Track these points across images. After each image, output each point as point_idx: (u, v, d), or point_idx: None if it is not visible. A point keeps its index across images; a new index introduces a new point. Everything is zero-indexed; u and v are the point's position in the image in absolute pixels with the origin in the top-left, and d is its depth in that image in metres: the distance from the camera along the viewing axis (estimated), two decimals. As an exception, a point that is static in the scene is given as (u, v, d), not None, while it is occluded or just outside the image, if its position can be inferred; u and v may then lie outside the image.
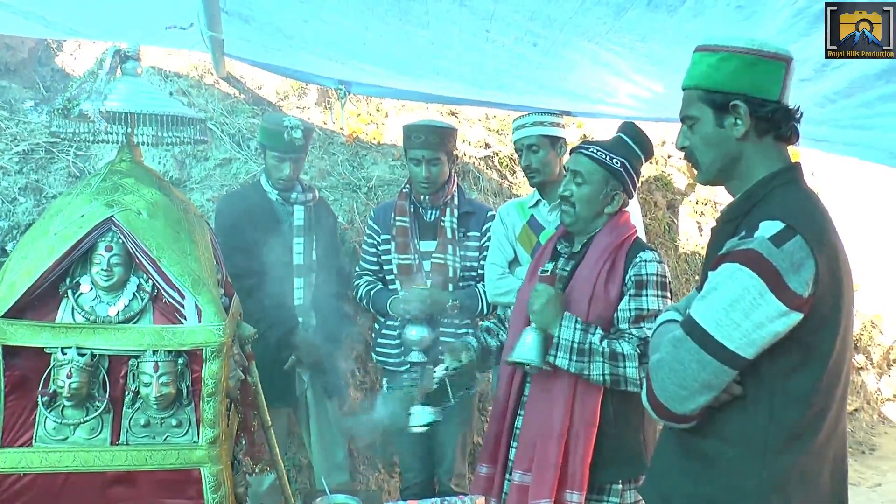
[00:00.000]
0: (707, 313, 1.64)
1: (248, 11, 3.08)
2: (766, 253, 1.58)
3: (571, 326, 2.38)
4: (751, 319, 1.59)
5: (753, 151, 1.77)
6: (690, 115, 1.82)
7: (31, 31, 3.95)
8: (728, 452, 1.70)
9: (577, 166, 2.54)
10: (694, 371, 1.64)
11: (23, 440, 2.20)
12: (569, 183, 2.56)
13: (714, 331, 1.62)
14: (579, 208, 2.53)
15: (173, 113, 2.39)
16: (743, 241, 1.63)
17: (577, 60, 2.82)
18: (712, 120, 1.78)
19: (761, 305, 1.58)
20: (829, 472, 1.71)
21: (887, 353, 7.03)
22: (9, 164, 3.95)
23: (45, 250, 2.25)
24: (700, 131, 1.81)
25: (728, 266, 1.63)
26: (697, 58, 1.82)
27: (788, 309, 1.58)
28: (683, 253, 5.96)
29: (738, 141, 1.76)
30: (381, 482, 4.33)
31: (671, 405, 1.69)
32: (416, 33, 2.75)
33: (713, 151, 1.81)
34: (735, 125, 1.75)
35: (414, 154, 3.36)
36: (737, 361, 1.62)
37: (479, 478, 2.69)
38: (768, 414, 1.66)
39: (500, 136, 5.41)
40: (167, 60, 4.71)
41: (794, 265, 1.57)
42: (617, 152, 2.54)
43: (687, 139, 1.85)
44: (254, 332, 2.65)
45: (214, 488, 2.26)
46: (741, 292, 1.59)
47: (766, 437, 1.66)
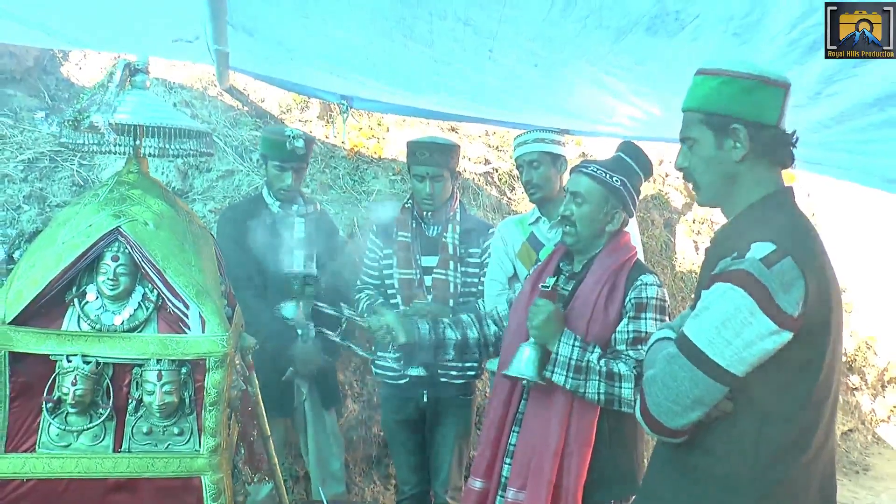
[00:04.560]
0: (700, 331, 1.69)
1: (253, 25, 3.14)
2: (757, 273, 1.63)
3: (570, 343, 2.39)
4: (742, 338, 1.64)
5: (749, 174, 1.82)
6: (690, 136, 1.87)
7: (38, 40, 4.00)
8: (718, 468, 1.74)
9: (576, 186, 2.55)
10: (686, 387, 1.69)
11: (26, 446, 2.23)
12: (569, 203, 2.55)
13: (706, 348, 1.66)
14: (580, 227, 2.53)
15: (181, 126, 2.44)
16: (735, 261, 1.67)
17: (576, 81, 2.87)
18: (712, 142, 1.82)
19: (752, 324, 1.63)
20: (817, 489, 1.75)
21: (882, 374, 7.07)
22: (14, 173, 3.99)
23: (52, 259, 2.29)
24: (699, 153, 1.85)
25: (720, 286, 1.68)
26: (699, 80, 1.87)
27: (778, 328, 1.63)
28: (680, 272, 6.01)
29: (736, 163, 1.81)
30: (376, 494, 4.35)
31: (664, 420, 1.73)
32: (419, 50, 2.79)
33: (712, 173, 1.85)
34: (734, 148, 1.80)
35: (417, 170, 3.40)
36: (728, 378, 1.67)
37: (472, 492, 2.66)
38: (758, 430, 1.70)
39: (499, 152, 5.46)
40: (171, 72, 4.76)
41: (784, 285, 1.62)
42: (616, 171, 2.55)
43: (686, 160, 1.90)
44: (254, 343, 2.68)
45: (215, 496, 2.29)
46: (733, 311, 1.64)
47: (755, 452, 1.70)
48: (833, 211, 6.83)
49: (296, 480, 4.07)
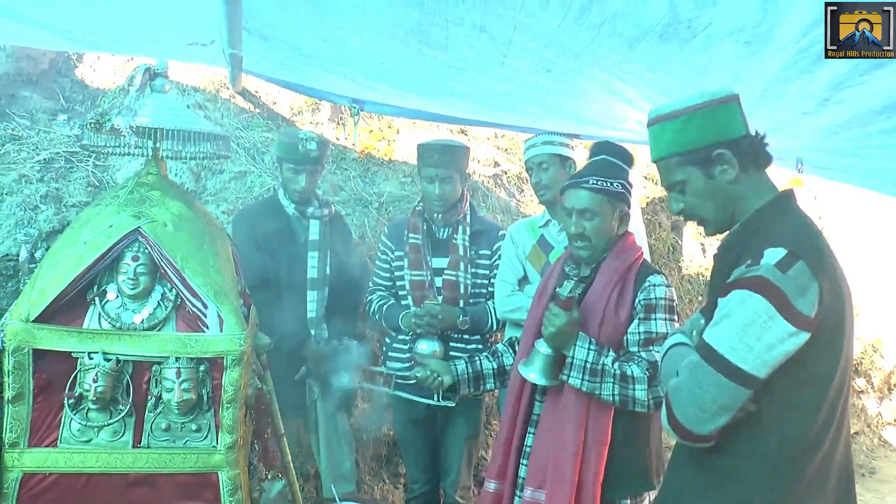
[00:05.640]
0: (721, 338, 1.73)
1: (269, 30, 3.18)
2: (773, 278, 1.68)
3: (586, 347, 2.43)
4: (763, 341, 1.69)
5: (745, 187, 1.88)
6: (677, 181, 1.93)
7: (56, 44, 4.05)
8: (743, 467, 1.79)
9: (581, 203, 2.54)
10: (713, 394, 1.74)
11: (48, 441, 2.29)
12: (578, 221, 2.55)
13: (730, 355, 1.71)
14: (595, 240, 2.55)
15: (199, 129, 2.49)
16: (750, 268, 1.72)
17: (588, 88, 2.91)
18: (701, 176, 1.89)
19: (772, 328, 1.68)
20: (835, 482, 1.81)
21: (888, 377, 7.08)
22: (30, 173, 4.04)
23: (74, 259, 2.34)
24: (693, 191, 1.91)
25: (738, 293, 1.72)
26: (658, 130, 1.93)
27: (797, 329, 1.68)
28: (687, 274, 6.03)
29: (730, 185, 1.87)
30: (386, 493, 4.39)
31: (692, 427, 1.78)
32: (433, 56, 2.83)
33: (712, 203, 1.91)
34: (724, 171, 1.87)
35: (427, 172, 3.45)
36: (752, 382, 1.72)
37: (487, 494, 2.69)
38: (780, 429, 1.76)
39: (508, 154, 5.50)
40: (185, 74, 4.81)
41: (800, 288, 1.68)
42: (611, 175, 2.57)
43: (680, 202, 1.96)
44: (269, 343, 2.73)
45: (231, 492, 2.34)
46: (752, 317, 1.69)
47: (778, 450, 1.76)
48: (840, 214, 6.85)
49: (307, 479, 4.11)
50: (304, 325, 3.52)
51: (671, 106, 1.90)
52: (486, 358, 2.90)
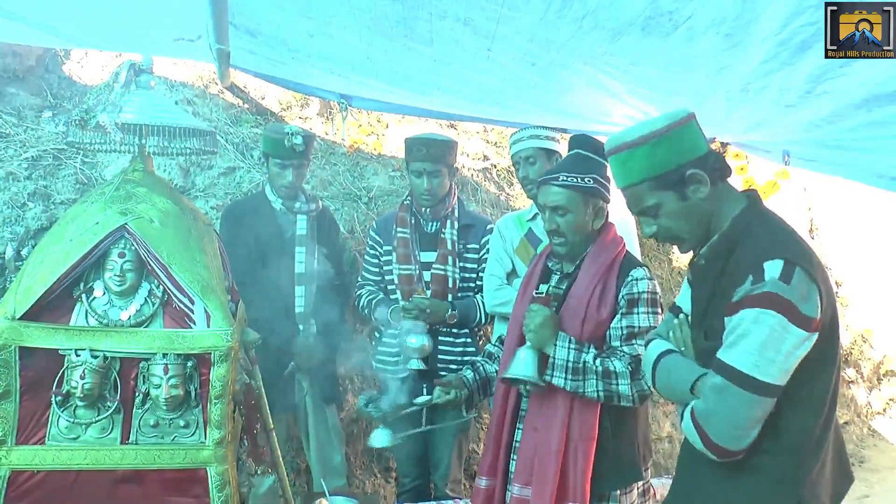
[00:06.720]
0: (743, 358, 1.77)
1: (255, 25, 3.17)
2: (780, 291, 1.73)
3: (566, 346, 2.45)
4: (782, 352, 1.75)
5: (717, 201, 1.92)
6: (649, 206, 1.95)
7: (43, 40, 4.03)
8: (768, 462, 1.85)
9: (553, 200, 2.56)
10: (745, 412, 1.79)
11: (36, 438, 2.29)
12: (552, 217, 2.57)
13: (754, 372, 1.76)
14: (570, 237, 2.57)
15: (185, 125, 2.49)
16: (756, 286, 1.76)
17: (573, 81, 2.91)
18: (674, 198, 1.91)
19: (787, 338, 1.74)
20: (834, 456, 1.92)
21: (877, 367, 7.11)
22: (18, 170, 4.03)
23: (60, 256, 2.34)
24: (667, 213, 1.94)
25: (750, 312, 1.76)
26: (624, 157, 1.94)
27: (809, 333, 1.76)
28: (677, 266, 6.05)
29: (703, 201, 1.91)
30: (377, 487, 4.41)
31: (730, 445, 1.83)
32: (419, 50, 2.83)
33: (687, 223, 1.94)
34: (696, 190, 1.90)
35: (415, 166, 3.46)
36: (777, 391, 1.78)
37: (479, 490, 2.72)
38: (800, 422, 1.84)
39: (497, 148, 5.50)
40: (172, 70, 4.80)
41: (804, 294, 1.74)
42: (583, 170, 2.57)
43: (653, 225, 1.98)
44: (258, 338, 2.73)
45: (220, 487, 2.34)
46: (769, 332, 1.74)
47: (800, 442, 1.84)
48: (829, 205, 6.86)
49: (297, 473, 4.12)
50: (293, 321, 3.53)
51: (635, 132, 1.92)
52: (486, 362, 2.92)
